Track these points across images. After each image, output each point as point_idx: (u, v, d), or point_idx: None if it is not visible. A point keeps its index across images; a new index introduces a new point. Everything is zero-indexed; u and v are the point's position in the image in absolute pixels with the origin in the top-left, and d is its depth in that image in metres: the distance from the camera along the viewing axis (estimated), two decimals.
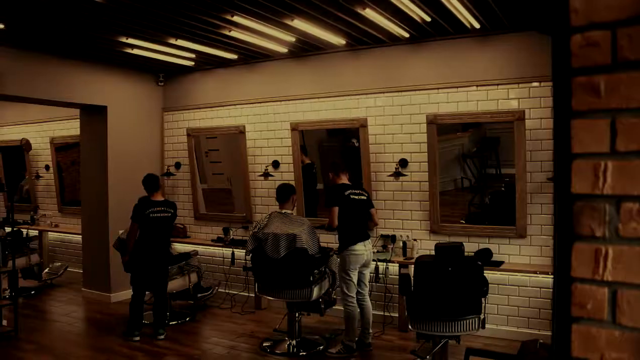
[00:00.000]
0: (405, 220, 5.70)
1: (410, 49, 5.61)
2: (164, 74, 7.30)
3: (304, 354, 4.95)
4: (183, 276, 5.99)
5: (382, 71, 5.76)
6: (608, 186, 0.92)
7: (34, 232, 7.93)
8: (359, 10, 4.50)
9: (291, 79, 6.33)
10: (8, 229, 5.90)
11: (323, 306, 5.03)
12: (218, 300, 6.57)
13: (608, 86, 0.92)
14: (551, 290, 4.82)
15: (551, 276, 4.75)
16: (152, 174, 5.63)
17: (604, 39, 0.92)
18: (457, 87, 5.35)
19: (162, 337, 5.32)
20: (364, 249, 4.83)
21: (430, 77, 5.49)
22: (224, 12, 4.58)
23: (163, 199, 5.58)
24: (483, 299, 4.05)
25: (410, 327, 4.22)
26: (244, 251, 5.75)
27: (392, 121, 5.71)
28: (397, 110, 5.68)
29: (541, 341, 3.36)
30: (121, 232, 5.74)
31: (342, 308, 4.94)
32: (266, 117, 6.53)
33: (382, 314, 5.57)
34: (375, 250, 5.52)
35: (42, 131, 8.58)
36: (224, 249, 6.70)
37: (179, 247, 6.87)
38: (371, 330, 5.03)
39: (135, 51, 5.89)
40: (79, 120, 7.07)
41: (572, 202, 0.95)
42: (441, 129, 5.43)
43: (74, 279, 7.57)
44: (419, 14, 4.62)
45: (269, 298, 5.43)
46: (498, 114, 5.15)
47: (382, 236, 5.71)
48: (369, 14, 4.57)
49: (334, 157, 6.21)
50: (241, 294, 6.62)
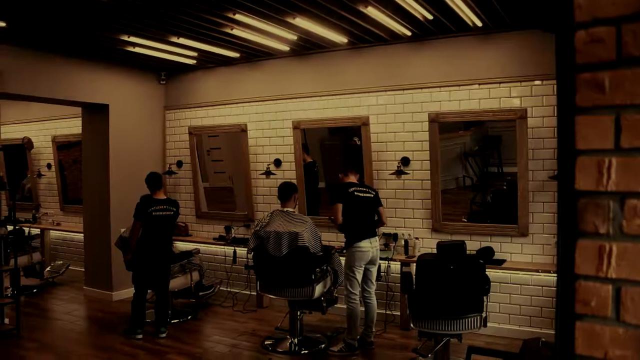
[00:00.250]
0: (407, 219, 5.70)
1: (412, 47, 5.60)
2: (166, 73, 7.30)
3: (306, 352, 4.95)
4: (185, 274, 5.99)
5: (384, 69, 5.75)
6: (612, 183, 0.92)
7: (35, 231, 7.93)
8: (361, 8, 4.50)
9: (293, 78, 6.33)
10: (10, 228, 5.90)
11: (325, 304, 5.02)
12: (220, 299, 6.58)
13: (612, 82, 0.92)
14: (553, 288, 4.83)
15: (553, 274, 4.77)
16: (155, 172, 5.63)
17: (608, 35, 0.92)
18: (459, 86, 5.34)
19: (164, 335, 5.32)
20: (369, 246, 4.82)
21: (432, 76, 5.48)
22: (226, 11, 4.57)
23: (165, 197, 5.58)
24: (485, 298, 4.04)
25: (412, 325, 4.21)
26: (246, 249, 5.75)
27: (394, 119, 5.71)
28: (399, 109, 5.68)
29: (543, 339, 3.35)
30: (123, 230, 5.74)
31: (344, 306, 4.94)
32: (268, 115, 6.53)
33: (384, 312, 5.57)
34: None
35: (44, 129, 8.59)
36: (225, 247, 6.70)
37: (181, 246, 6.87)
38: (374, 329, 5.03)
39: (137, 49, 5.89)
40: (80, 119, 7.08)
41: (576, 198, 0.95)
42: (443, 127, 5.42)
43: (76, 277, 7.58)
44: (421, 12, 4.62)
45: (271, 296, 5.43)
46: (500, 112, 5.15)
47: (384, 234, 5.70)
48: (371, 12, 4.57)
49: (335, 156, 6.21)
50: (243, 292, 6.63)
